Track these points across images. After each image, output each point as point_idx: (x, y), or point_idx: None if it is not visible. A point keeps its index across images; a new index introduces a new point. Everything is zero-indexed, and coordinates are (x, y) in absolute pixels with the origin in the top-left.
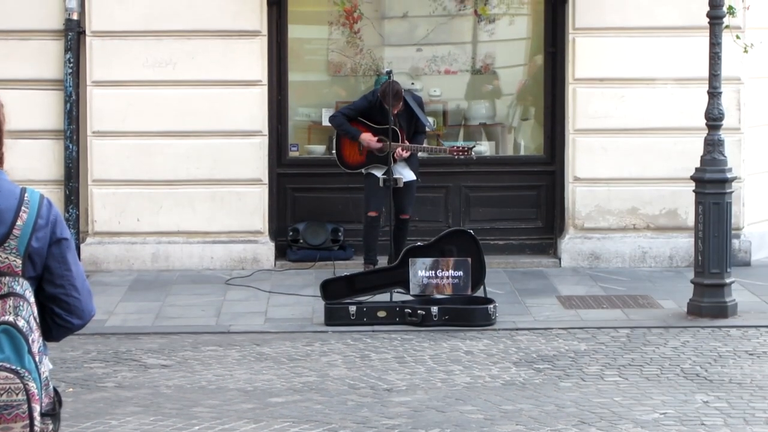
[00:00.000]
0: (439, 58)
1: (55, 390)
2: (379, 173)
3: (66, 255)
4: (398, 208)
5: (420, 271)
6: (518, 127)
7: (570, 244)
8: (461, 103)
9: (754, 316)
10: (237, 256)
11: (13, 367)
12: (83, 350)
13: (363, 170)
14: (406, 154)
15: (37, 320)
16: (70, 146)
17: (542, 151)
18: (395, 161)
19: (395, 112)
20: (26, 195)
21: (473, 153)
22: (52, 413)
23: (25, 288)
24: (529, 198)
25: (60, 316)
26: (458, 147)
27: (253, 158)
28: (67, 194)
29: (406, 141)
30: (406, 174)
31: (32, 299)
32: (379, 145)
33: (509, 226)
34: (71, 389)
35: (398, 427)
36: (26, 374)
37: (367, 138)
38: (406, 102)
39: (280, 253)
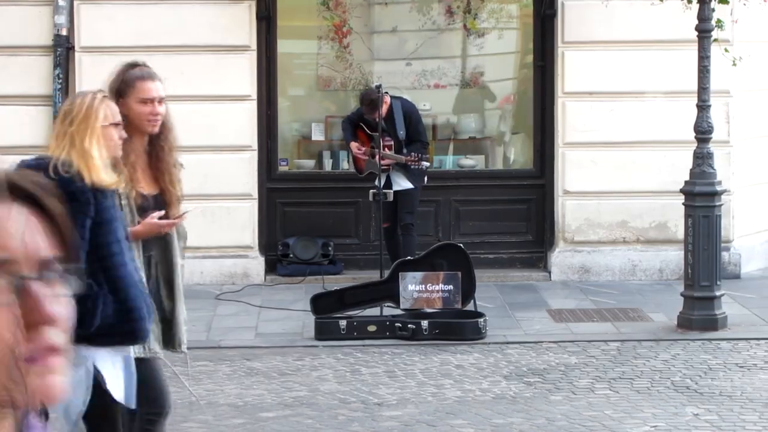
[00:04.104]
0: (428, 72)
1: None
2: (375, 181)
3: None
4: (398, 217)
5: (410, 285)
6: (508, 141)
7: (560, 258)
8: (450, 117)
9: (744, 329)
10: (227, 270)
11: None
12: None
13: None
14: (384, 162)
15: None
16: None
17: (532, 165)
18: (388, 168)
19: (375, 119)
20: None
21: (422, 164)
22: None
23: None
24: (518, 211)
25: None
26: (412, 155)
27: (242, 173)
28: None
29: (386, 149)
30: (403, 183)
31: None
32: (362, 155)
33: (499, 240)
34: None
35: None
36: None
37: (354, 147)
38: (392, 109)
39: (271, 268)
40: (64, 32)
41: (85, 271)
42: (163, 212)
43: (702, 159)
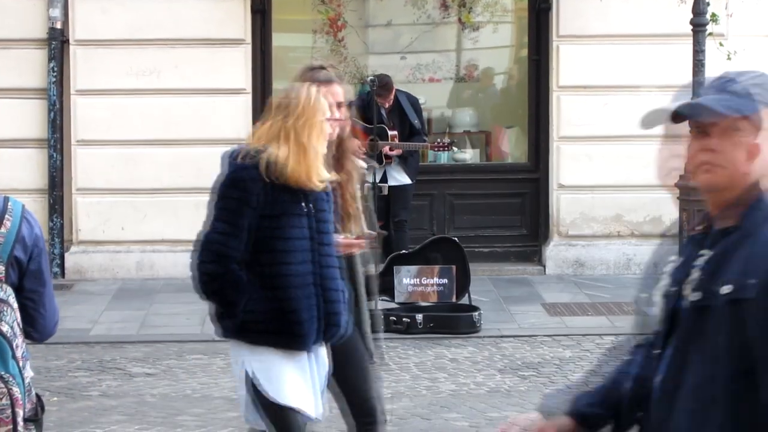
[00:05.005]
0: (423, 66)
1: (37, 396)
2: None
3: (42, 267)
4: (392, 212)
5: (405, 278)
6: (502, 135)
7: (554, 252)
8: (445, 111)
9: None
10: None
11: None
12: (68, 359)
13: None
14: (392, 153)
15: (21, 326)
16: (54, 155)
17: (526, 159)
18: (390, 161)
19: (386, 105)
20: (9, 204)
21: (454, 148)
22: (35, 419)
23: (8, 294)
24: (513, 205)
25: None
26: (438, 142)
27: None
28: (51, 203)
29: (395, 140)
30: (400, 178)
31: (15, 305)
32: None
33: (494, 234)
34: (55, 398)
35: None
36: (10, 379)
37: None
38: (398, 100)
39: None
40: (58, 25)
41: (245, 262)
42: (343, 236)
43: None
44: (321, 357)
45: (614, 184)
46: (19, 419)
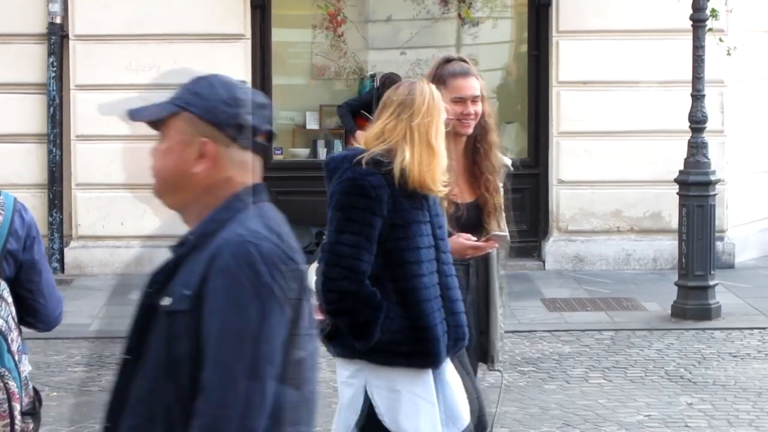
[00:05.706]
0: (423, 61)
1: (35, 389)
2: None
3: (35, 257)
4: None
5: None
6: (502, 130)
7: (554, 247)
8: None
9: (738, 319)
10: None
11: None
12: (67, 354)
13: None
14: None
15: (16, 320)
16: (54, 150)
17: (526, 154)
18: None
19: None
20: (1, 198)
21: None
22: (33, 412)
23: (2, 288)
24: (513, 201)
25: (22, 319)
26: None
27: None
28: (50, 198)
29: None
30: None
31: (10, 299)
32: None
33: None
34: (55, 393)
35: None
36: (6, 373)
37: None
38: None
39: None
40: (58, 20)
41: (372, 277)
42: (471, 236)
43: (696, 148)
44: (445, 371)
45: (614, 180)
46: (17, 413)
